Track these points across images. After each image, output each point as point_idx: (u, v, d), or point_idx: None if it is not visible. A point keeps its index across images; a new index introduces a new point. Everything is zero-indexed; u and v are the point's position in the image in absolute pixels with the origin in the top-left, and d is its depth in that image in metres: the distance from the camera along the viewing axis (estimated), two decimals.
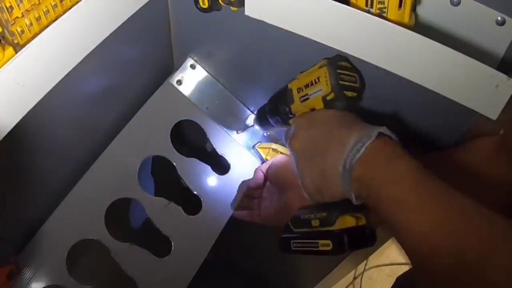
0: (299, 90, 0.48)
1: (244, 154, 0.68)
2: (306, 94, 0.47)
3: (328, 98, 0.45)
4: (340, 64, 0.45)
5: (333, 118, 0.45)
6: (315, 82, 0.46)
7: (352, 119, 0.44)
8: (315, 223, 0.47)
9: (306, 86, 0.47)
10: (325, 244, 0.45)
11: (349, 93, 0.45)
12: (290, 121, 0.51)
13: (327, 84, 0.45)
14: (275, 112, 0.52)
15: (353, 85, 0.46)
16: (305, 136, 0.46)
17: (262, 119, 0.57)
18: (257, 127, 0.60)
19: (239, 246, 0.80)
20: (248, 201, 0.64)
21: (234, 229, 0.63)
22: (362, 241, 0.45)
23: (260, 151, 0.66)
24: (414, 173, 0.37)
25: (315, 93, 0.46)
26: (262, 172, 0.62)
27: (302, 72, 0.49)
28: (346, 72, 0.45)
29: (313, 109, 0.47)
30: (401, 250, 0.36)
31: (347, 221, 0.45)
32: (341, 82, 0.44)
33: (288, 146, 0.48)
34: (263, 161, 0.66)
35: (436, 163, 0.47)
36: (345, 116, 0.45)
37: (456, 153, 0.48)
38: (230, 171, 0.67)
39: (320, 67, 0.46)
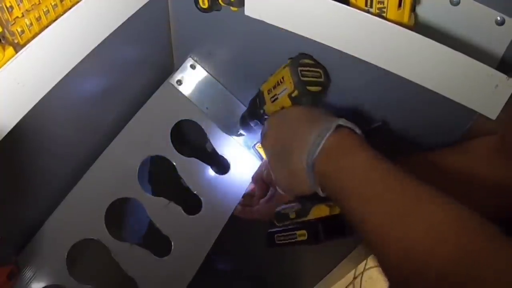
0: (269, 91, 0.51)
1: (244, 154, 0.68)
2: (275, 94, 0.50)
3: (293, 95, 0.47)
4: (302, 61, 0.48)
5: (299, 115, 0.46)
6: (281, 82, 0.49)
7: (317, 115, 0.45)
8: (292, 215, 0.49)
9: (274, 86, 0.50)
10: (302, 234, 0.48)
11: (312, 88, 0.47)
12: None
13: (290, 82, 0.47)
14: (253, 115, 0.55)
15: (316, 80, 0.48)
16: (274, 135, 0.48)
17: (244, 123, 0.59)
18: (243, 132, 0.62)
19: (239, 246, 0.80)
20: (249, 199, 0.64)
21: (234, 229, 0.64)
22: (338, 230, 0.46)
23: (260, 151, 0.66)
24: (369, 164, 0.37)
25: (281, 92, 0.49)
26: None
27: (272, 74, 0.51)
28: (308, 69, 0.47)
29: (282, 108, 0.49)
30: None
31: (321, 210, 0.46)
32: (303, 79, 0.47)
33: (260, 144, 0.51)
34: (262, 160, 0.66)
35: (434, 163, 0.47)
36: (309, 112, 0.46)
37: (454, 153, 0.48)
38: (230, 171, 0.67)
39: (284, 67, 0.49)
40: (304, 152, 0.41)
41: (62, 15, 0.41)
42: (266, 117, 0.52)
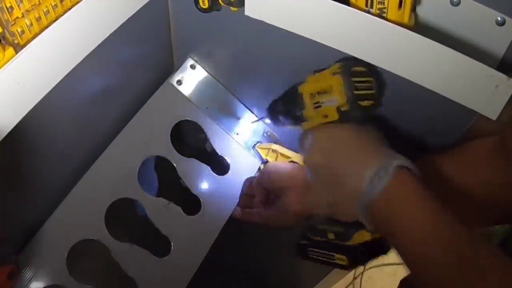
0: (311, 96, 0.46)
1: (244, 154, 0.68)
2: (319, 102, 0.45)
3: (343, 109, 0.44)
4: (354, 70, 0.43)
5: (350, 139, 0.44)
6: (329, 91, 0.44)
7: (369, 142, 0.43)
8: (331, 235, 0.46)
9: (319, 93, 0.45)
10: (341, 259, 0.46)
11: (364, 103, 0.44)
12: (304, 125, 0.49)
13: (341, 94, 0.43)
14: (286, 113, 0.51)
15: (369, 93, 0.44)
16: (320, 154, 0.45)
17: (274, 115, 0.54)
18: (268, 120, 0.57)
19: (238, 246, 0.80)
20: (248, 200, 0.64)
21: (233, 229, 0.64)
22: (376, 253, 0.45)
23: (260, 151, 0.66)
24: (433, 220, 0.37)
25: (328, 102, 0.45)
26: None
27: (314, 73, 0.48)
28: (361, 79, 0.44)
29: (326, 116, 0.46)
30: None
31: (364, 236, 0.44)
32: (356, 92, 0.43)
33: (303, 157, 0.48)
34: (262, 161, 0.66)
35: (434, 164, 0.47)
36: (361, 136, 0.44)
37: (454, 155, 0.48)
38: (230, 172, 0.67)
39: (333, 73, 0.44)
40: (360, 185, 0.40)
41: (62, 15, 0.41)
42: (303, 120, 0.48)
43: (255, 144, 0.66)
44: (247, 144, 0.68)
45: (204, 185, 0.65)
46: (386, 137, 0.44)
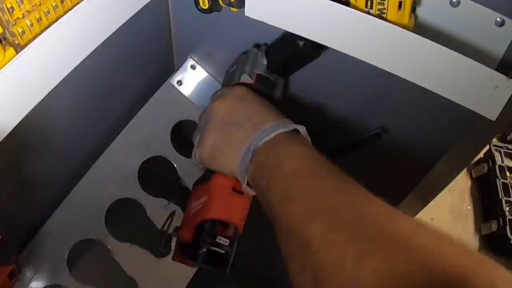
0: None
1: None
2: None
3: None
4: None
5: (258, 98, 0.46)
6: None
7: (272, 107, 0.45)
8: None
9: None
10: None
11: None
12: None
13: None
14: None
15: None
16: (232, 103, 0.46)
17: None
18: None
19: (238, 246, 0.80)
20: None
21: None
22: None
23: None
24: (303, 160, 0.37)
25: None
26: None
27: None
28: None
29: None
30: None
31: None
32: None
33: (211, 102, 0.48)
34: None
35: None
36: (265, 101, 0.46)
37: None
38: None
39: None
40: (252, 135, 0.41)
41: (62, 16, 0.41)
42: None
43: None
44: None
45: None
46: (385, 137, 0.44)
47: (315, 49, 0.46)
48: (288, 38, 0.46)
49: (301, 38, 0.44)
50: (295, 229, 0.32)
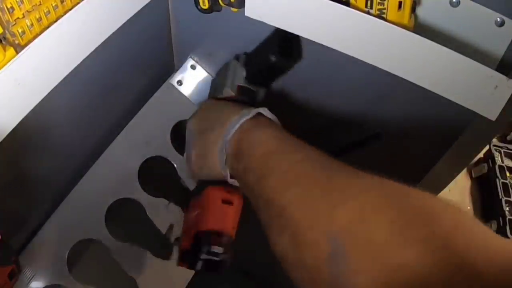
0: None
1: None
2: None
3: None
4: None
5: (227, 103, 0.49)
6: None
7: (244, 106, 0.47)
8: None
9: None
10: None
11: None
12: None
13: None
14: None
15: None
16: (202, 115, 0.50)
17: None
18: None
19: (238, 246, 0.80)
20: None
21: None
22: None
23: None
24: (272, 140, 0.39)
25: None
26: None
27: None
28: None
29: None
30: None
31: None
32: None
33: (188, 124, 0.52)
34: None
35: None
36: (238, 103, 0.48)
37: None
38: None
39: None
40: (222, 133, 0.43)
41: (62, 16, 0.41)
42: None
43: None
44: None
45: None
46: (385, 138, 0.44)
47: (288, 61, 0.49)
48: (262, 53, 0.49)
49: (273, 52, 0.47)
50: (272, 200, 0.34)
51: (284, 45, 0.48)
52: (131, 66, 0.59)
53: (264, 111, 0.44)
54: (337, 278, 0.26)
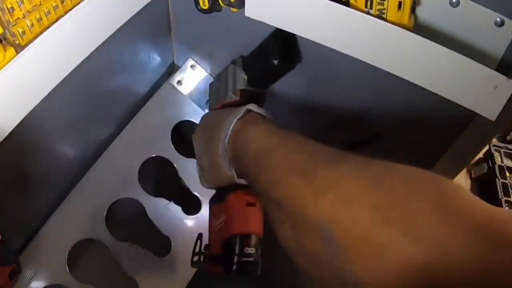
0: None
1: None
2: None
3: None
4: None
5: (222, 110, 0.50)
6: None
7: (236, 108, 0.47)
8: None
9: None
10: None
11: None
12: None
13: None
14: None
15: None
16: (203, 127, 0.51)
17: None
18: None
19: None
20: None
21: None
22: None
23: None
24: (260, 137, 0.40)
25: None
26: None
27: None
28: None
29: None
30: None
31: None
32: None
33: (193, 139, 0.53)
34: None
35: None
36: (232, 108, 0.49)
37: None
38: None
39: None
40: (220, 138, 0.44)
41: (63, 16, 0.41)
42: None
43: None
44: None
45: None
46: (385, 138, 0.44)
47: (289, 64, 0.49)
48: (262, 57, 0.50)
49: (275, 56, 0.47)
50: (269, 196, 0.36)
51: (285, 48, 0.48)
52: (131, 66, 0.59)
53: (253, 107, 0.45)
54: (333, 261, 0.29)
